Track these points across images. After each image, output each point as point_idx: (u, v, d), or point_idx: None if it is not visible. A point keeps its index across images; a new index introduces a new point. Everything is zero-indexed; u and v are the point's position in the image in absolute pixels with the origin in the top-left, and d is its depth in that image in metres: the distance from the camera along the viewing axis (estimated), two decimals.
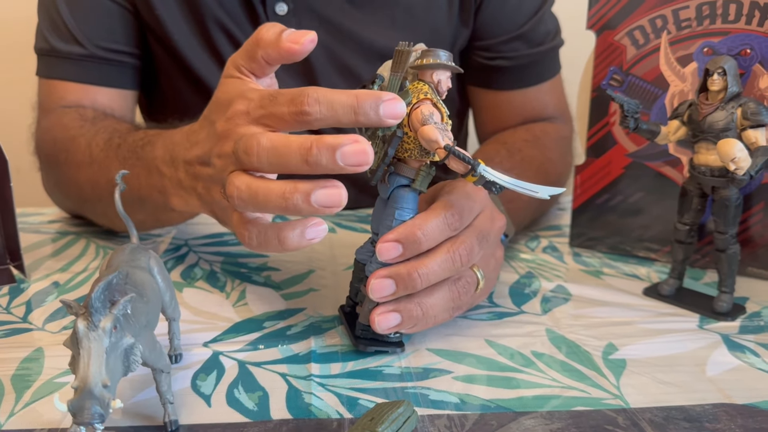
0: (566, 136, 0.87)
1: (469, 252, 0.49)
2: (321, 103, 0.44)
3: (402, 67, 0.47)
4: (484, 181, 0.45)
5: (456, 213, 0.49)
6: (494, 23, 0.85)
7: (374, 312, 0.49)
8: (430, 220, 0.48)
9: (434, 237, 0.48)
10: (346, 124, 0.45)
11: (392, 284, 0.48)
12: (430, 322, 0.50)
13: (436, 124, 0.46)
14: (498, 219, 0.54)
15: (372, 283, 0.48)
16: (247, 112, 0.48)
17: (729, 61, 0.54)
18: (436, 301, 0.49)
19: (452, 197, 0.50)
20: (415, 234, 0.47)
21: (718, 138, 0.54)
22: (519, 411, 0.45)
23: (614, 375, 0.49)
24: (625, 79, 0.66)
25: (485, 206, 0.53)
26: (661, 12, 0.63)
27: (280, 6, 0.79)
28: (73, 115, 0.76)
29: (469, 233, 0.50)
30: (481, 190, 0.52)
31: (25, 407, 0.45)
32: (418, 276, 0.47)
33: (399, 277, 0.47)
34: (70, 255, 0.71)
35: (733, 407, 0.45)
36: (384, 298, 0.48)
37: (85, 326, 0.36)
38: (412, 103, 0.47)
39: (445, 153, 0.45)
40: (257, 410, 0.45)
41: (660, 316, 0.58)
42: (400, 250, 0.47)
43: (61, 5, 0.79)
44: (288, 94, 0.45)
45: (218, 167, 0.50)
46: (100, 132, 0.70)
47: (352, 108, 0.44)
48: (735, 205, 0.56)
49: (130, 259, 0.45)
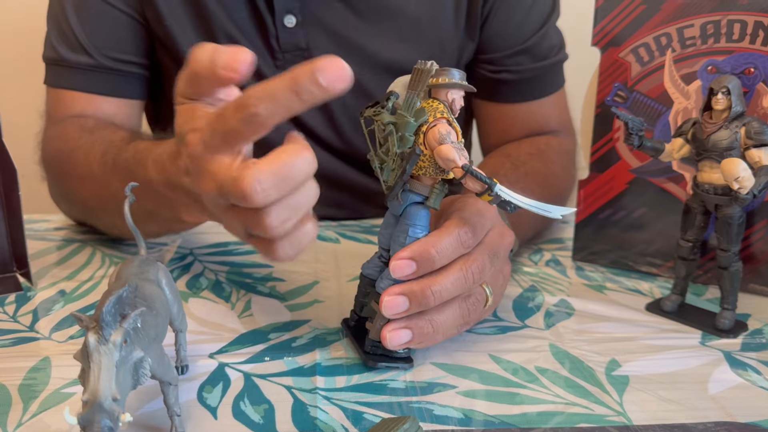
0: (570, 149, 0.87)
1: (481, 270, 0.50)
2: (262, 98, 0.42)
3: (421, 85, 0.48)
4: (500, 200, 0.46)
5: (469, 230, 0.49)
6: (499, 37, 0.86)
7: (385, 328, 0.49)
8: (443, 239, 0.48)
9: (448, 255, 0.48)
10: (297, 109, 0.42)
11: (405, 301, 0.48)
12: (439, 338, 0.51)
13: (453, 144, 0.46)
14: (507, 235, 0.55)
15: (385, 300, 0.48)
16: (203, 143, 0.45)
17: (733, 81, 0.55)
18: (446, 318, 0.50)
19: (465, 214, 0.50)
20: (429, 252, 0.48)
21: (721, 157, 0.54)
22: (523, 427, 0.45)
23: (617, 392, 0.49)
24: (629, 95, 0.66)
25: (495, 223, 0.53)
26: (666, 30, 0.64)
27: (289, 18, 0.80)
28: (74, 125, 0.76)
29: (481, 251, 0.50)
30: (491, 207, 0.52)
31: (33, 418, 0.45)
32: (431, 293, 0.48)
33: (412, 295, 0.48)
34: (77, 263, 0.71)
35: (735, 426, 0.45)
36: (397, 315, 0.49)
37: (95, 340, 0.36)
38: (428, 122, 0.47)
39: (462, 172, 0.46)
40: (263, 423, 0.45)
41: (662, 332, 0.58)
42: (413, 267, 0.48)
43: (70, 15, 0.80)
44: (232, 104, 0.43)
45: (213, 202, 0.48)
46: (96, 145, 0.69)
47: (292, 90, 0.41)
48: (738, 223, 0.57)
49: (139, 272, 0.45)
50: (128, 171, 0.61)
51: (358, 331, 0.54)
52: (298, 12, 0.80)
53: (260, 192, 0.43)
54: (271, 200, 0.43)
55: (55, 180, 0.77)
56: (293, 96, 0.41)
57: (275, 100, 0.42)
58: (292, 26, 0.80)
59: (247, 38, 0.81)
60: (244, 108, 0.42)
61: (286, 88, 0.41)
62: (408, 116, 0.47)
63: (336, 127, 0.86)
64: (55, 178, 0.77)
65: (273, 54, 0.82)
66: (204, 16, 0.80)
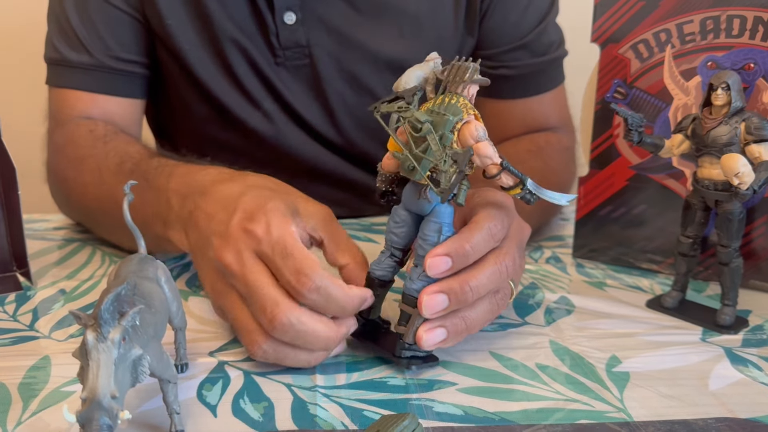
0: (569, 146, 0.87)
1: (513, 263, 0.50)
2: (319, 293, 0.47)
3: (459, 82, 0.48)
4: (528, 193, 0.46)
5: (498, 224, 0.50)
6: (498, 33, 0.86)
7: (421, 328, 0.49)
8: (475, 233, 0.49)
9: (481, 249, 0.49)
10: (333, 314, 0.49)
11: (445, 299, 0.48)
12: (469, 334, 0.51)
13: (489, 141, 0.47)
14: (525, 228, 0.55)
15: (424, 300, 0.48)
16: (259, 240, 0.49)
17: (733, 76, 0.55)
18: (478, 314, 0.50)
19: (492, 209, 0.51)
20: (464, 247, 0.48)
21: (721, 152, 0.54)
22: (523, 423, 0.45)
23: (618, 388, 0.49)
24: (629, 92, 0.66)
25: (514, 216, 0.54)
26: (666, 26, 0.64)
27: (289, 15, 0.80)
28: (83, 131, 0.76)
29: (510, 244, 0.51)
30: (510, 200, 0.53)
31: (32, 416, 0.45)
32: (469, 289, 0.48)
33: (451, 292, 0.48)
34: (77, 262, 0.71)
35: (736, 422, 0.45)
36: (437, 313, 0.48)
37: (94, 337, 0.36)
38: (463, 118, 0.47)
39: (500, 168, 0.47)
40: (263, 421, 0.45)
41: (663, 329, 0.58)
42: (449, 263, 0.48)
43: (71, 14, 0.80)
44: (297, 264, 0.47)
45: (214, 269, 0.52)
46: (111, 154, 0.71)
47: (341, 308, 0.48)
48: (738, 219, 0.56)
49: (138, 270, 0.45)
50: (145, 179, 0.64)
51: (368, 333, 0.53)
52: (298, 9, 0.80)
53: (264, 354, 0.49)
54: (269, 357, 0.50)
55: (62, 183, 0.77)
56: (339, 311, 0.49)
57: (326, 303, 0.48)
58: (292, 23, 0.80)
59: (247, 36, 0.81)
60: (300, 284, 0.47)
61: (339, 303, 0.48)
62: (448, 114, 0.47)
63: (336, 125, 0.86)
64: (62, 181, 0.77)
65: (273, 51, 0.82)
66: (204, 14, 0.80)
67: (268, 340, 0.48)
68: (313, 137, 0.86)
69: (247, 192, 0.53)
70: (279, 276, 0.48)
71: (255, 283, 0.48)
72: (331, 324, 0.49)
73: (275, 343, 0.49)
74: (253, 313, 0.49)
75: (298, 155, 0.86)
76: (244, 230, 0.50)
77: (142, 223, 0.61)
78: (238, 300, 0.50)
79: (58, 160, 0.78)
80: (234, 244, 0.50)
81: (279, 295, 0.48)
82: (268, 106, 0.84)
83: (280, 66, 0.82)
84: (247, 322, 0.49)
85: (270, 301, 0.47)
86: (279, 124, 0.85)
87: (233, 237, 0.50)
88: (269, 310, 0.47)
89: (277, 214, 0.50)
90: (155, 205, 0.61)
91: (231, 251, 0.50)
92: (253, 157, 0.87)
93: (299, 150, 0.85)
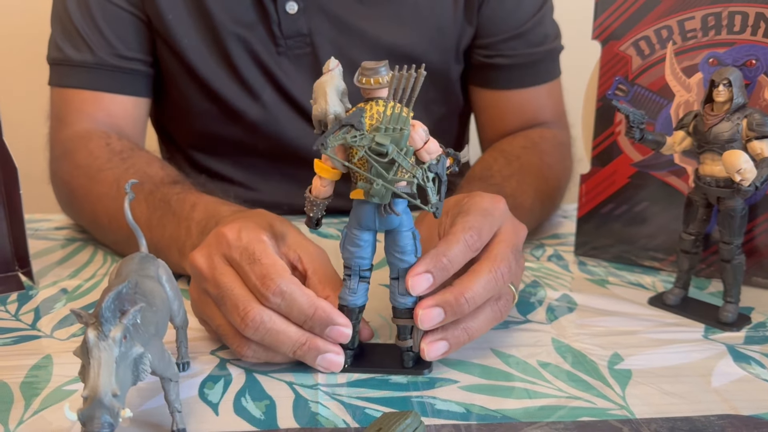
0: (564, 141, 0.87)
1: (508, 269, 0.50)
2: (284, 297, 0.47)
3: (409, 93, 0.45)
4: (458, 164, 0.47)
5: (475, 233, 0.50)
6: (494, 22, 0.86)
7: (423, 341, 0.49)
8: (452, 246, 0.49)
9: (459, 261, 0.49)
10: (299, 322, 0.48)
11: (441, 312, 0.48)
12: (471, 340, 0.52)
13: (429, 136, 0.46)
14: (521, 229, 0.55)
15: (420, 314, 0.48)
16: (229, 244, 0.50)
17: (734, 72, 0.54)
18: (480, 323, 0.50)
19: (469, 218, 0.51)
20: (442, 261, 0.48)
21: (723, 149, 0.54)
22: (525, 421, 0.45)
23: (620, 385, 0.49)
24: (630, 89, 0.66)
25: (505, 219, 0.53)
26: (667, 22, 0.63)
27: (291, 5, 0.81)
28: (99, 142, 0.76)
29: (505, 250, 0.51)
30: (499, 204, 0.53)
31: (34, 415, 0.45)
32: (465, 301, 0.48)
33: (447, 304, 0.48)
34: (78, 262, 0.71)
35: (739, 419, 0.45)
36: (434, 326, 0.49)
37: (95, 336, 0.36)
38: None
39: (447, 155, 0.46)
40: (264, 419, 0.45)
41: (665, 326, 0.58)
42: (431, 279, 0.48)
43: (74, 14, 0.80)
44: (263, 269, 0.48)
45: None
46: (130, 172, 0.71)
47: (305, 316, 0.48)
48: (740, 216, 0.56)
49: (139, 268, 0.45)
50: (167, 203, 0.65)
51: (361, 359, 0.52)
52: None
53: (255, 354, 0.49)
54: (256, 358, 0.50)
55: (68, 188, 0.77)
56: (302, 319, 0.48)
57: (289, 308, 0.48)
58: (294, 12, 0.81)
59: (248, 27, 0.81)
60: (265, 286, 0.47)
61: (302, 311, 0.48)
62: (404, 127, 0.45)
63: None
64: (68, 186, 0.77)
65: (275, 41, 0.82)
66: (204, 7, 0.80)
67: (253, 340, 0.49)
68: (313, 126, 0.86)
69: (240, 216, 0.54)
70: (246, 280, 0.49)
71: (225, 284, 0.49)
72: (302, 329, 0.48)
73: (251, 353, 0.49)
74: (225, 315, 0.49)
75: (299, 146, 0.86)
76: (216, 235, 0.51)
77: (157, 243, 0.63)
78: (215, 307, 0.50)
79: (66, 165, 0.77)
80: (206, 248, 0.51)
81: (249, 294, 0.48)
82: (268, 97, 0.84)
83: (282, 55, 0.83)
84: (229, 327, 0.49)
85: (242, 300, 0.48)
86: (279, 114, 0.85)
87: (207, 242, 0.52)
88: (241, 308, 0.47)
89: (250, 224, 0.52)
90: (175, 230, 0.62)
91: (203, 255, 0.51)
92: (254, 149, 0.87)
93: (300, 140, 0.86)
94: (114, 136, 0.78)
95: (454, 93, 0.91)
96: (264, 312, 0.47)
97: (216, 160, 0.89)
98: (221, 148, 0.88)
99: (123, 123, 0.81)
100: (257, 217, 0.54)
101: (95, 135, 0.77)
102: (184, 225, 0.61)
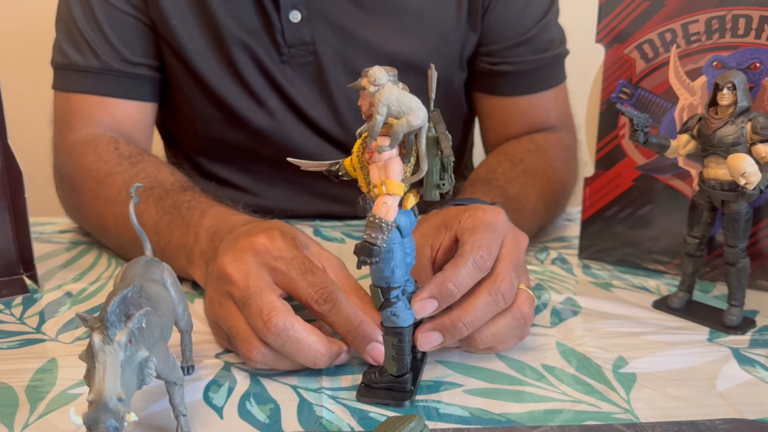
0: (569, 145, 0.87)
1: (510, 287, 0.50)
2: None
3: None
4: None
5: (485, 253, 0.50)
6: (499, 28, 0.86)
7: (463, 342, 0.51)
8: (460, 269, 0.49)
9: (466, 284, 0.49)
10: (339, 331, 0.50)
11: (439, 336, 0.49)
12: (501, 347, 0.53)
13: None
14: (522, 239, 0.55)
15: (419, 338, 0.49)
16: (271, 254, 0.51)
17: (738, 76, 0.54)
18: (498, 329, 0.51)
19: (477, 236, 0.51)
20: (448, 287, 0.48)
21: (727, 152, 0.54)
22: (529, 425, 0.45)
23: (624, 389, 0.49)
24: (634, 92, 0.66)
25: (507, 230, 0.53)
26: (671, 26, 0.63)
27: (294, 14, 0.81)
28: (108, 147, 0.76)
29: (506, 268, 0.51)
30: (500, 216, 0.53)
31: (40, 418, 0.45)
32: (463, 325, 0.49)
33: (444, 329, 0.49)
34: (83, 265, 0.71)
35: (744, 422, 0.45)
36: (434, 348, 0.49)
37: (100, 340, 0.36)
38: None
39: None
40: (269, 423, 0.45)
41: (669, 330, 0.58)
42: (435, 304, 0.48)
43: (79, 19, 0.80)
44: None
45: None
46: (140, 177, 0.71)
47: (351, 326, 0.50)
48: (745, 219, 0.56)
49: (144, 272, 0.45)
50: (177, 209, 0.65)
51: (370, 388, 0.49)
52: (303, 7, 0.80)
53: (263, 359, 0.49)
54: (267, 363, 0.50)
55: (75, 191, 0.77)
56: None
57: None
58: (297, 21, 0.81)
59: (252, 34, 0.81)
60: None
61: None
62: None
63: (341, 121, 0.86)
64: (75, 190, 0.77)
65: (278, 49, 0.82)
66: (208, 13, 0.80)
67: (265, 345, 0.49)
68: (318, 134, 0.86)
69: (264, 227, 0.55)
70: (295, 289, 0.50)
71: (256, 288, 0.49)
72: (323, 339, 0.49)
73: (272, 348, 0.49)
74: (247, 318, 0.49)
75: (303, 152, 0.86)
76: (251, 243, 0.52)
77: (165, 248, 0.64)
78: (235, 309, 0.50)
79: (74, 169, 0.77)
80: (239, 253, 0.52)
81: (278, 300, 0.49)
82: (273, 104, 0.84)
83: (285, 64, 0.83)
84: (244, 330, 0.50)
85: (267, 305, 0.48)
86: (284, 121, 0.85)
87: (238, 249, 0.52)
88: (265, 313, 0.48)
89: (286, 235, 0.53)
90: (183, 236, 0.62)
91: (234, 260, 0.51)
92: (258, 155, 0.87)
93: (304, 147, 0.86)
94: (122, 140, 0.78)
95: (458, 100, 0.91)
96: (288, 319, 0.48)
97: (221, 165, 0.89)
98: (226, 154, 0.89)
99: (129, 128, 0.81)
100: (283, 227, 0.55)
101: (103, 140, 0.77)
102: (193, 231, 0.62)
